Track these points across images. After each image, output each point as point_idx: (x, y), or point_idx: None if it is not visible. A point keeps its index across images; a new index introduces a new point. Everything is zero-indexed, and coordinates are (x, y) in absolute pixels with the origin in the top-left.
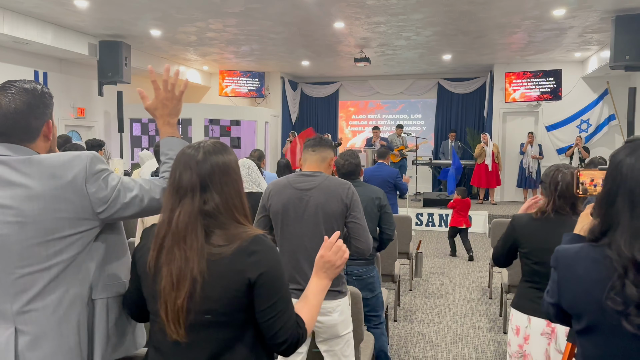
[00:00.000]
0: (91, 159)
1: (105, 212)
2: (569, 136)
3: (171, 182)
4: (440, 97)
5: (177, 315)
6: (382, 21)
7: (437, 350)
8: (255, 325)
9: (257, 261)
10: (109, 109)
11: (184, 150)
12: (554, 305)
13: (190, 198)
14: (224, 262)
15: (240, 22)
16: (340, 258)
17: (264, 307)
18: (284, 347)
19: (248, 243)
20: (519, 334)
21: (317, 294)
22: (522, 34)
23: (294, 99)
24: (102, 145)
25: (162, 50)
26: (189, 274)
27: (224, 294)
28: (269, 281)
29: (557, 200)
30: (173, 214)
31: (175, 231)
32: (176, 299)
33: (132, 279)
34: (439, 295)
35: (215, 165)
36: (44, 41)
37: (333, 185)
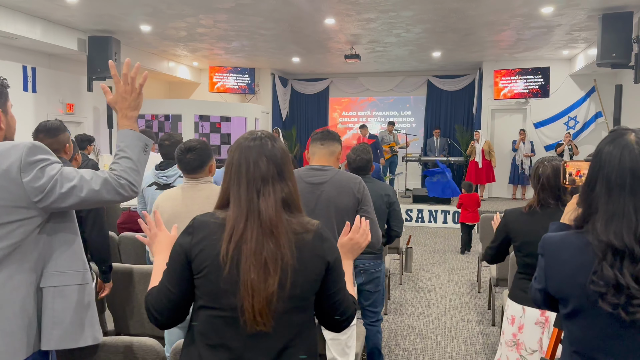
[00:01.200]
0: (29, 148)
1: (43, 202)
2: (557, 133)
3: (244, 173)
4: (429, 94)
5: (267, 304)
6: (372, 18)
7: (427, 343)
8: (318, 305)
9: (330, 246)
10: (98, 104)
11: (246, 142)
12: (541, 291)
13: (271, 187)
14: (307, 248)
15: (231, 18)
16: (365, 240)
17: (335, 288)
18: (346, 323)
19: (320, 229)
20: (514, 323)
21: (349, 272)
22: (511, 32)
23: (284, 95)
24: (92, 140)
25: (151, 46)
26: (280, 260)
27: (309, 278)
28: (339, 264)
29: (540, 194)
30: (253, 205)
31: (265, 220)
32: (267, 287)
33: (176, 278)
34: (429, 289)
35: (285, 155)
36: (32, 36)
37: (344, 179)
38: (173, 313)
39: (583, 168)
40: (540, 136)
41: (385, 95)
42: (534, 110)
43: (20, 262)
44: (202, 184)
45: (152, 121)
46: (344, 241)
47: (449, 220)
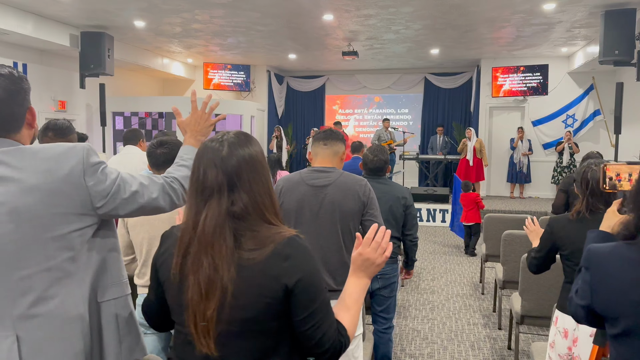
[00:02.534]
0: (87, 151)
1: (105, 207)
2: (555, 131)
3: (194, 181)
4: (427, 92)
5: (207, 327)
6: (372, 14)
7: (434, 348)
8: (291, 334)
9: (293, 265)
10: (91, 101)
11: (206, 144)
12: (584, 308)
13: (217, 199)
14: (256, 267)
15: (228, 13)
16: (381, 255)
17: (302, 315)
18: (325, 357)
19: (282, 246)
20: (567, 336)
21: (356, 296)
22: (511, 28)
23: (280, 92)
24: (85, 139)
25: (145, 42)
26: (219, 282)
27: (257, 301)
28: (307, 287)
29: (589, 199)
30: (198, 217)
31: (201, 236)
32: (205, 309)
33: (152, 286)
34: (432, 291)
35: (242, 160)
36: (23, 31)
37: (349, 181)
38: (155, 317)
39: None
40: (538, 134)
41: (382, 93)
42: (532, 108)
43: (77, 276)
44: None
45: (145, 118)
46: (354, 256)
47: (447, 219)
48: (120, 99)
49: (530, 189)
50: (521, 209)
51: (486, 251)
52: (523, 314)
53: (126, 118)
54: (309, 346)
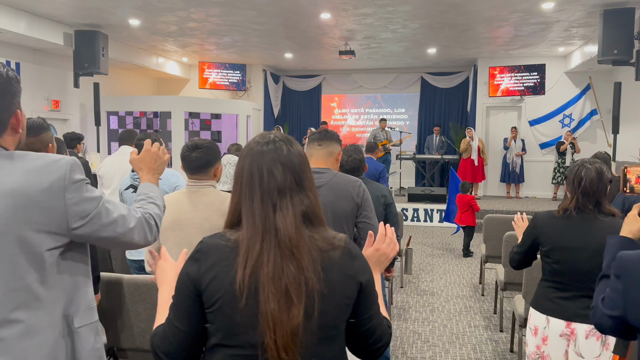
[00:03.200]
0: (71, 165)
1: (81, 229)
2: (552, 131)
3: (257, 184)
4: (423, 92)
5: (292, 338)
6: (369, 12)
7: (435, 351)
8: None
9: (362, 264)
10: (85, 101)
11: (255, 147)
12: (613, 318)
13: (289, 199)
14: (335, 268)
15: (224, 12)
16: (393, 249)
17: (369, 313)
18: (381, 350)
19: (348, 246)
20: (537, 334)
21: (379, 289)
22: (509, 28)
23: (276, 92)
24: (81, 139)
25: (140, 41)
26: (304, 286)
27: (339, 303)
28: (372, 284)
29: (580, 198)
30: (269, 221)
31: (284, 239)
32: (291, 319)
33: (186, 313)
34: (431, 293)
35: (303, 160)
36: (16, 30)
37: (343, 182)
38: (183, 354)
39: None
40: (535, 134)
41: (378, 93)
42: (529, 108)
43: (47, 300)
44: (205, 188)
45: (140, 118)
46: (370, 253)
47: None
48: (114, 99)
49: (525, 188)
50: (519, 208)
51: (486, 252)
52: (526, 316)
53: (121, 117)
54: (369, 343)
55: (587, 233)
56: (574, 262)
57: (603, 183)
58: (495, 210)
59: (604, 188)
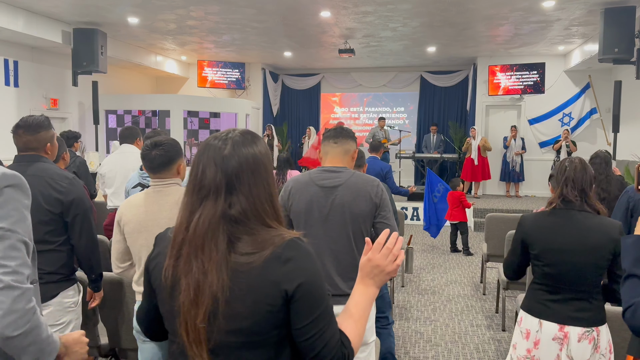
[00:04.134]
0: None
1: None
2: (552, 130)
3: (191, 178)
4: (422, 90)
5: (198, 336)
6: (369, 11)
7: (438, 350)
8: (292, 344)
9: (293, 269)
10: (84, 99)
11: (209, 141)
12: None
13: (213, 200)
14: (254, 272)
15: (223, 10)
16: (391, 262)
17: (303, 323)
18: None
19: (282, 249)
20: (529, 338)
21: (363, 305)
22: (509, 26)
23: (275, 91)
24: (78, 137)
25: (139, 39)
26: (208, 289)
27: (256, 309)
28: (308, 293)
29: (564, 188)
30: (192, 217)
31: (192, 238)
32: (195, 317)
33: (145, 292)
34: (432, 292)
35: (244, 161)
36: (14, 28)
37: (361, 182)
38: (151, 325)
39: None
40: (535, 133)
41: (377, 91)
42: (528, 107)
43: None
44: (169, 187)
45: (139, 117)
46: (362, 262)
47: None
48: (113, 97)
49: (525, 187)
50: (519, 207)
51: (487, 251)
52: None
53: (119, 116)
54: (310, 358)
55: (576, 233)
56: (565, 265)
57: (587, 174)
58: (494, 209)
59: (588, 179)
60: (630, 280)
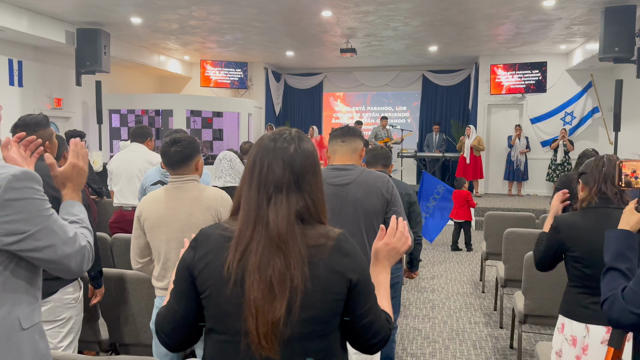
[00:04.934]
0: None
1: (15, 246)
2: (554, 129)
3: (256, 175)
4: (425, 89)
5: (272, 329)
6: (370, 10)
7: (435, 347)
8: (344, 327)
9: (353, 262)
10: (87, 99)
11: (267, 142)
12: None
13: (285, 196)
14: (322, 264)
15: (225, 10)
16: (405, 244)
17: (362, 310)
18: (378, 345)
19: (340, 242)
20: (577, 344)
21: (386, 283)
22: (510, 25)
23: (277, 90)
24: (83, 136)
25: (142, 39)
26: (289, 282)
27: (325, 298)
28: (367, 282)
29: (602, 185)
30: (262, 213)
31: (274, 234)
32: (272, 311)
33: (183, 296)
34: (431, 290)
35: (307, 161)
36: (18, 28)
37: (371, 179)
38: (180, 335)
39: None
40: (537, 132)
41: (379, 90)
42: (530, 106)
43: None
44: (187, 184)
45: (142, 116)
46: (379, 246)
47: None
48: (116, 97)
49: (528, 186)
50: (520, 206)
51: (487, 249)
52: (526, 313)
53: (122, 116)
54: (366, 338)
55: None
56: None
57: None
58: (495, 208)
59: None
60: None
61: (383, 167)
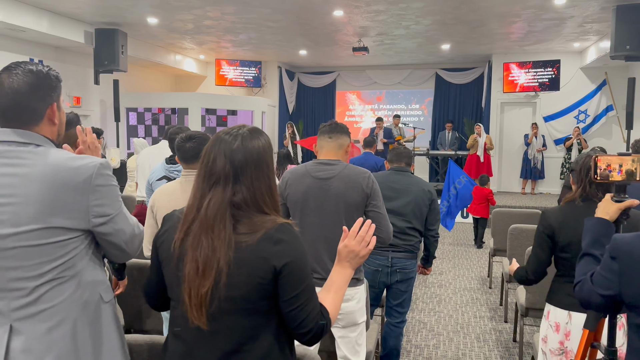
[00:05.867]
0: (98, 168)
1: (100, 228)
2: (567, 127)
3: (203, 166)
4: (437, 88)
5: (200, 302)
6: (381, 9)
7: (439, 339)
8: (280, 314)
9: (282, 250)
10: (105, 97)
11: (220, 135)
12: (605, 297)
13: (222, 187)
14: (249, 249)
15: (239, 10)
16: (365, 248)
17: (288, 296)
18: (308, 337)
19: (274, 231)
20: (559, 330)
21: (340, 284)
22: (522, 24)
23: (291, 88)
24: (101, 133)
25: (158, 39)
26: (216, 263)
27: (249, 281)
28: (294, 271)
29: (587, 187)
30: (203, 200)
31: (204, 219)
32: (200, 287)
33: (153, 265)
34: (439, 285)
35: (249, 156)
36: (39, 28)
37: (353, 174)
38: (154, 297)
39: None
40: (550, 130)
41: (392, 89)
42: (544, 104)
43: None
44: None
45: (158, 114)
46: (340, 248)
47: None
48: (133, 95)
49: (542, 185)
50: (531, 204)
51: (494, 245)
52: (527, 306)
53: (139, 114)
54: (293, 326)
55: None
56: None
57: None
58: (505, 206)
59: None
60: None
61: (406, 165)
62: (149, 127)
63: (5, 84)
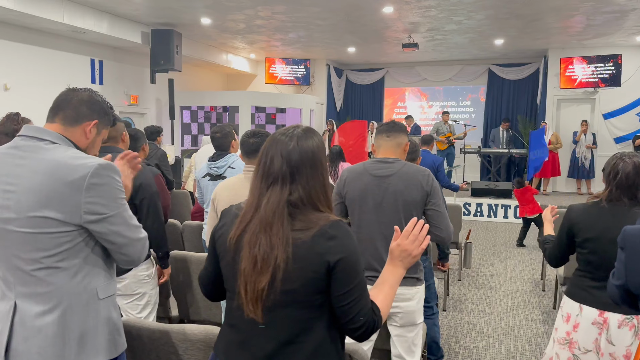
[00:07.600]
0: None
1: (93, 225)
2: (628, 124)
3: (260, 166)
4: (490, 84)
5: (256, 297)
6: (432, 5)
7: (489, 342)
8: (332, 309)
9: (336, 245)
10: (161, 96)
11: (276, 136)
12: (619, 287)
13: (280, 187)
14: (304, 245)
15: (289, 9)
16: (417, 247)
17: (341, 292)
18: (359, 332)
19: (327, 227)
20: (569, 321)
21: (392, 282)
22: (580, 17)
23: (339, 86)
24: (160, 131)
25: (211, 39)
26: (273, 261)
27: (303, 275)
28: (347, 267)
29: (614, 190)
30: (261, 199)
31: (263, 217)
32: (257, 282)
33: (210, 256)
34: (489, 287)
35: (305, 157)
36: (99, 30)
37: (412, 172)
38: (210, 287)
39: None
40: (610, 127)
41: (443, 85)
42: (603, 100)
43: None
44: None
45: (211, 112)
46: (393, 247)
47: (509, 214)
48: (187, 94)
49: (598, 184)
50: None
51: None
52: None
53: (193, 112)
54: (345, 322)
55: (620, 224)
56: (607, 253)
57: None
58: (562, 207)
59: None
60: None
61: (411, 161)
62: (202, 125)
63: (72, 89)
